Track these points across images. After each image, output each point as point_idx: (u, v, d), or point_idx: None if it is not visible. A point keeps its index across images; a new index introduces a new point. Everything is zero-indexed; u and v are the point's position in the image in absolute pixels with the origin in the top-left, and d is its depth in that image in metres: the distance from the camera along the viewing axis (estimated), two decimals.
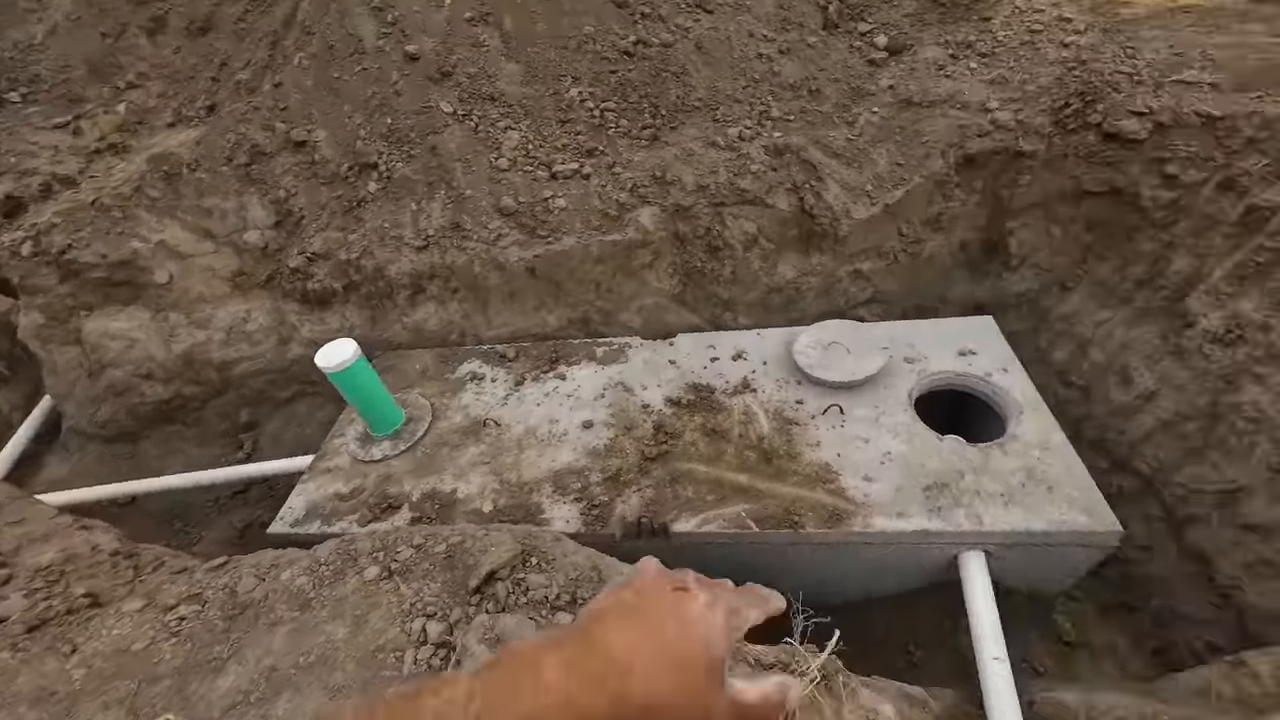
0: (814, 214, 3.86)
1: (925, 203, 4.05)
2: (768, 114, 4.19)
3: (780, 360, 3.68)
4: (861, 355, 3.49)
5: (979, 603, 2.67)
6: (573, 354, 4.00)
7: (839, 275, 4.14)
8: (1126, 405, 3.63)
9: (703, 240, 3.96)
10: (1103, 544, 2.72)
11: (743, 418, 3.40)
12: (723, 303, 4.18)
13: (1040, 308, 4.27)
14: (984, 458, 2.98)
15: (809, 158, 3.94)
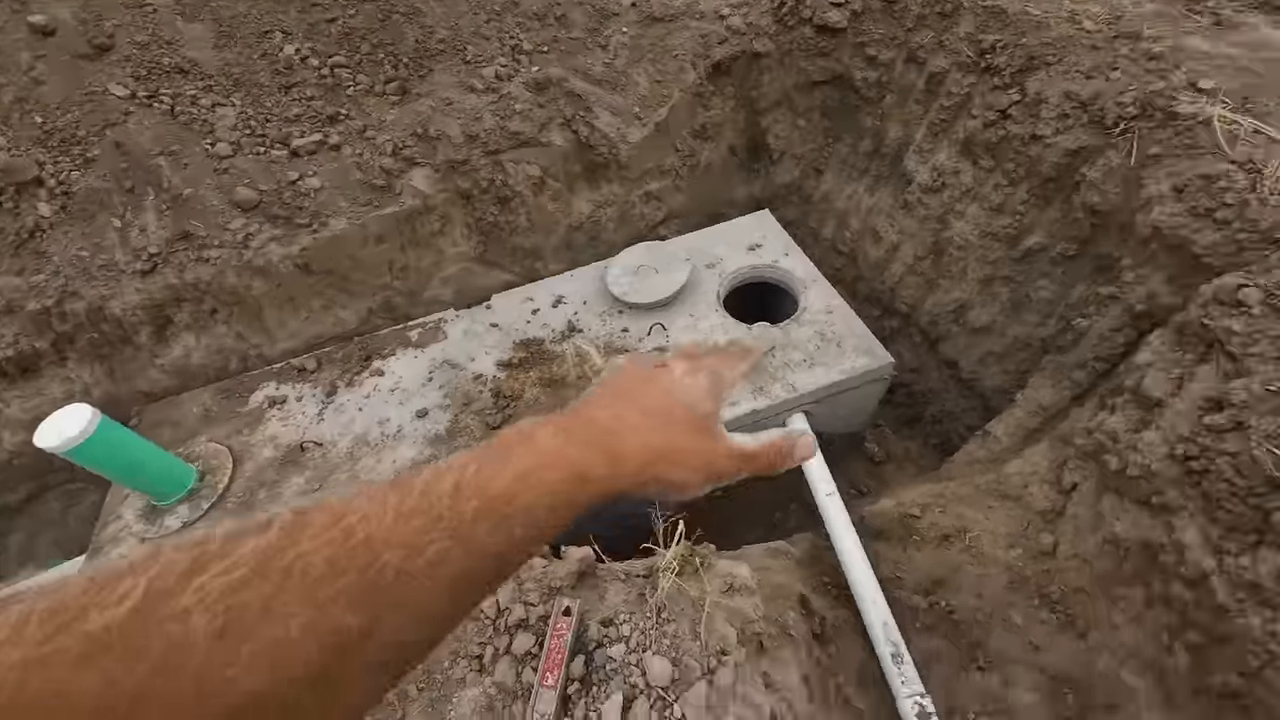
0: (592, 144, 3.86)
1: (690, 115, 4.26)
2: (520, 48, 4.00)
3: (598, 295, 3.74)
4: (668, 272, 3.68)
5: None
6: (384, 346, 3.66)
7: (632, 201, 4.25)
8: (881, 259, 4.34)
9: (489, 193, 3.77)
10: (884, 375, 3.30)
11: (576, 359, 3.44)
12: (529, 253, 4.08)
13: (804, 192, 4.83)
14: (786, 334, 3.39)
15: (573, 88, 3.88)
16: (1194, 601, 1.84)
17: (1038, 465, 2.76)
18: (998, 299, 3.63)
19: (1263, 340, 1.89)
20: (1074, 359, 2.90)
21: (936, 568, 2.67)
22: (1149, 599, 2.02)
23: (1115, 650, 2.11)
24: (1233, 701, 1.72)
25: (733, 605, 1.70)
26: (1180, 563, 1.89)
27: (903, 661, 2.30)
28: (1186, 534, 1.88)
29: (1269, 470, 1.66)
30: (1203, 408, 1.95)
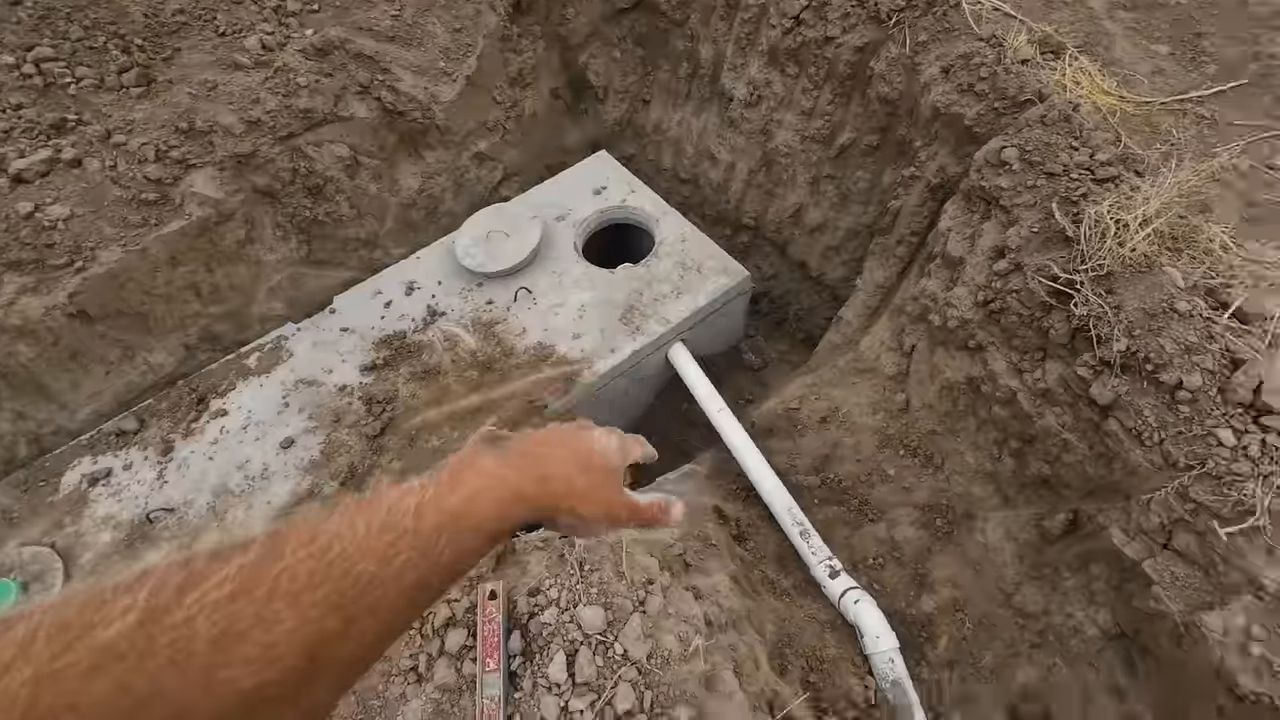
0: (401, 111, 3.51)
1: (501, 63, 4.00)
2: (284, 9, 3.46)
3: (452, 272, 3.53)
4: (520, 233, 3.55)
5: (694, 379, 3.27)
6: (219, 381, 3.20)
7: (463, 165, 3.98)
8: (721, 180, 4.51)
9: (296, 185, 3.33)
10: (745, 289, 3.51)
11: (446, 345, 3.26)
12: (364, 242, 3.72)
13: (636, 126, 4.82)
14: (648, 270, 3.45)
15: (361, 49, 3.46)
16: (1009, 416, 2.24)
17: (883, 337, 3.13)
18: (826, 197, 3.95)
19: (1024, 192, 2.25)
20: (894, 238, 3.27)
21: (821, 448, 3.00)
22: (979, 424, 2.43)
23: (963, 472, 2.54)
24: (1044, 486, 2.15)
25: (650, 537, 1.80)
26: (995, 388, 2.28)
27: (809, 535, 2.58)
28: (996, 364, 2.26)
29: (1041, 297, 2.02)
30: (991, 257, 2.30)
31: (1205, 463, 1.60)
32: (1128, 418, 1.77)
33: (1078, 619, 1.97)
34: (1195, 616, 1.54)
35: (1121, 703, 1.87)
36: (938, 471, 2.66)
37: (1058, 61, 2.67)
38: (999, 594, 2.30)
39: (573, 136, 4.75)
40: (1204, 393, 1.64)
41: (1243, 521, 1.52)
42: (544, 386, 3.03)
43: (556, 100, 4.51)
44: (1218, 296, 1.75)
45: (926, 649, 2.36)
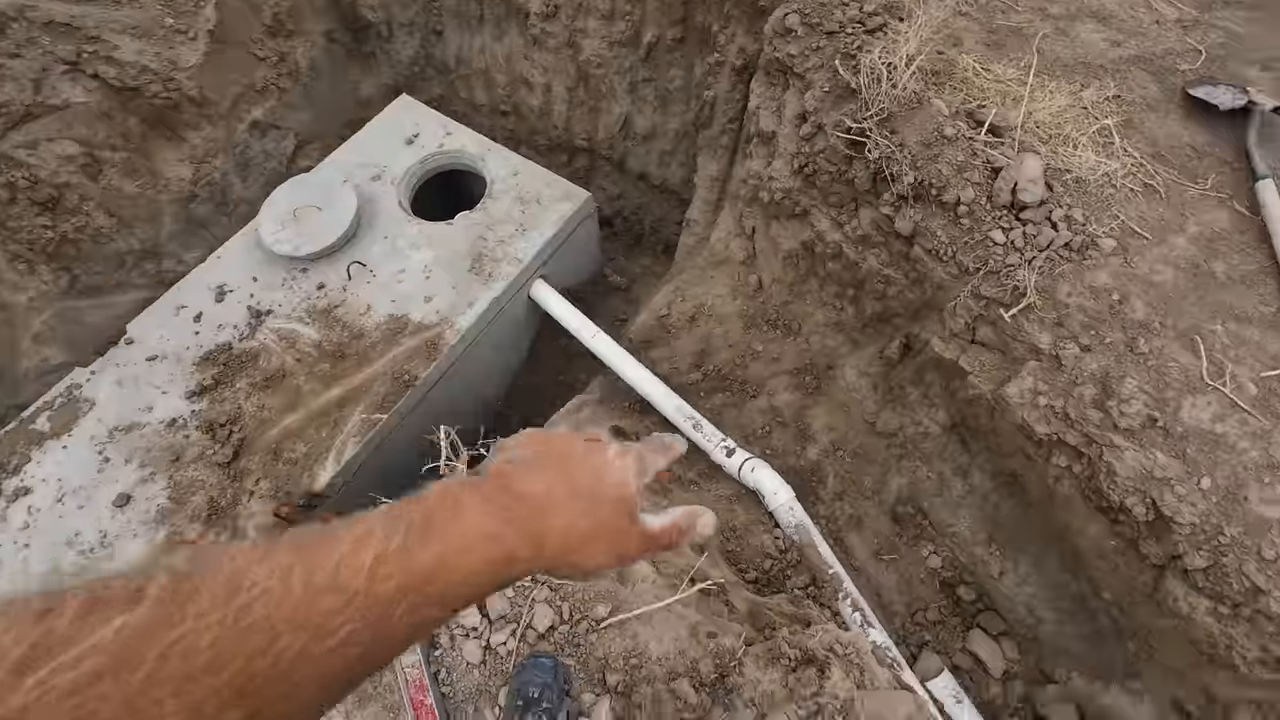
0: (133, 87, 2.91)
1: (249, 9, 3.41)
2: None
3: (265, 263, 3.12)
4: (333, 203, 3.18)
5: (563, 313, 3.23)
6: (5, 457, 2.66)
7: (241, 140, 3.44)
8: (542, 105, 4.30)
9: (20, 201, 2.70)
10: (590, 211, 3.45)
11: (283, 345, 2.93)
12: (142, 254, 3.15)
13: (436, 62, 4.40)
14: (486, 213, 3.27)
15: (51, 15, 2.77)
16: (840, 268, 2.46)
17: (728, 227, 3.26)
18: (648, 102, 3.91)
19: (811, 55, 2.36)
20: (716, 129, 3.34)
21: (695, 344, 3.13)
22: (820, 282, 2.65)
23: (817, 328, 2.78)
24: (880, 321, 2.42)
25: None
26: (825, 246, 2.47)
27: (701, 426, 2.74)
28: (820, 224, 2.44)
29: (842, 150, 2.18)
30: (796, 125, 2.43)
31: (987, 263, 1.87)
32: (926, 240, 2.01)
33: (924, 424, 2.30)
34: (1000, 391, 1.84)
35: (966, 478, 2.23)
36: (798, 336, 2.89)
37: None
38: (865, 425, 2.61)
39: (367, 86, 4.25)
40: (977, 203, 1.89)
41: (1020, 303, 1.81)
42: (366, 427, 2.81)
43: (334, 45, 3.97)
44: (975, 117, 1.99)
45: (819, 490, 2.65)
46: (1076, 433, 1.68)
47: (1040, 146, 1.94)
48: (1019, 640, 2.28)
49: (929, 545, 2.50)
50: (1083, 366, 1.70)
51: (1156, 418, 1.59)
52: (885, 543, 2.55)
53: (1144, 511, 1.57)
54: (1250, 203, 1.86)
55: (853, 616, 2.17)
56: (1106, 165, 1.92)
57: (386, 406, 2.77)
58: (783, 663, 1.35)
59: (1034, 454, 1.82)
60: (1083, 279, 1.79)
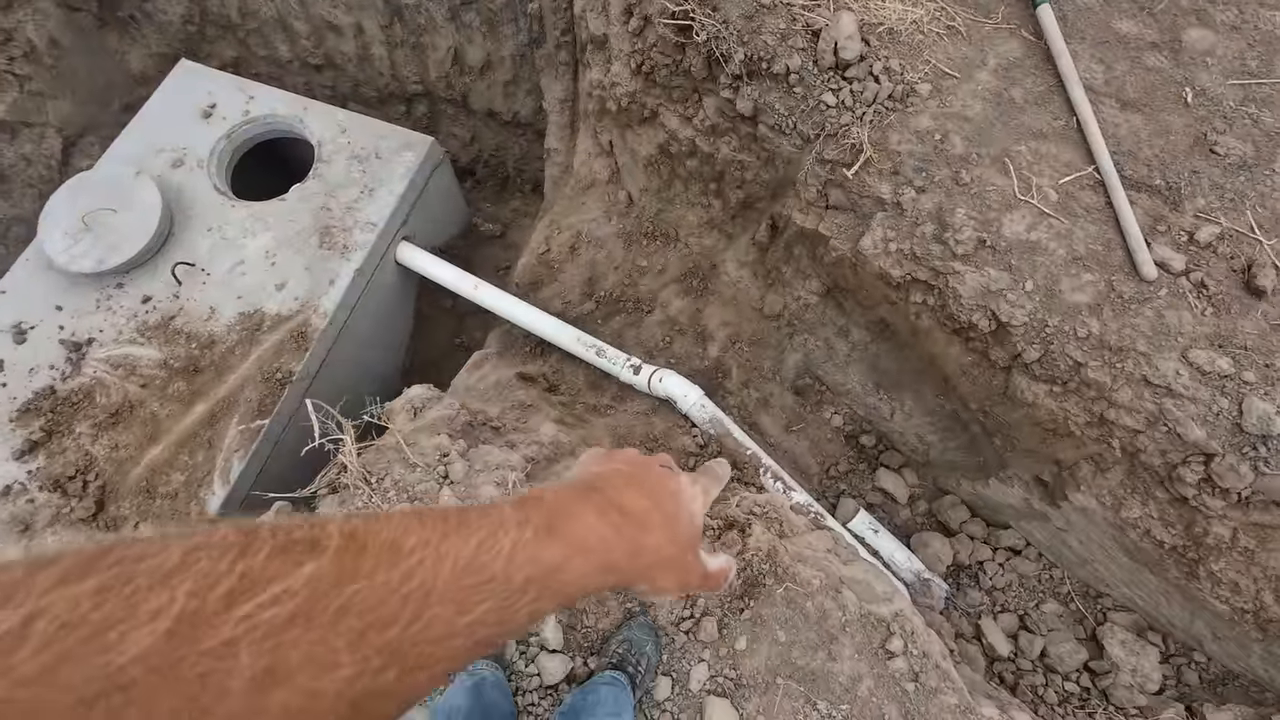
0: None
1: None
2: None
3: (68, 287, 2.66)
4: (130, 202, 2.72)
5: (437, 271, 3.04)
6: None
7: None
8: (357, 51, 3.85)
9: None
10: (439, 156, 3.20)
11: (121, 373, 2.56)
12: None
13: (217, 18, 3.77)
14: (321, 180, 2.95)
15: None
16: (699, 164, 2.47)
17: (587, 147, 3.15)
18: (474, 29, 3.61)
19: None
20: (551, 45, 3.15)
21: (581, 274, 3.09)
22: (684, 182, 2.65)
23: (693, 230, 2.81)
24: (745, 208, 2.48)
25: (428, 420, 1.74)
26: (679, 144, 2.46)
27: (604, 351, 2.74)
28: (670, 122, 2.41)
29: (673, 39, 2.13)
30: (623, 21, 2.33)
31: (824, 127, 1.94)
32: (768, 117, 2.04)
33: (802, 296, 2.43)
34: (856, 247, 1.97)
35: (847, 337, 2.41)
36: (677, 243, 2.92)
37: None
38: (754, 312, 2.73)
39: (136, 58, 3.59)
40: (805, 69, 1.93)
41: (859, 160, 1.91)
42: (248, 438, 2.56)
43: (76, 14, 3.28)
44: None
45: (725, 383, 2.78)
46: (925, 268, 1.84)
47: (852, 3, 1.99)
48: (916, 467, 2.58)
49: (830, 408, 2.72)
50: (920, 207, 1.84)
51: (985, 239, 1.77)
52: (793, 415, 2.74)
53: (987, 324, 1.77)
54: (1034, 28, 2.03)
55: (774, 486, 2.35)
56: (913, 13, 2.01)
57: (266, 410, 2.54)
58: (707, 534, 1.43)
59: (895, 298, 1.98)
60: (908, 125, 1.91)
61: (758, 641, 1.32)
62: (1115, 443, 1.69)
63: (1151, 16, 2.05)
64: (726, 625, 1.34)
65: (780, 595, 1.37)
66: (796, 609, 1.37)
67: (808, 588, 1.39)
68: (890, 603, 1.46)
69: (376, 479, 1.41)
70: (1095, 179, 1.82)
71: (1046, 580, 2.19)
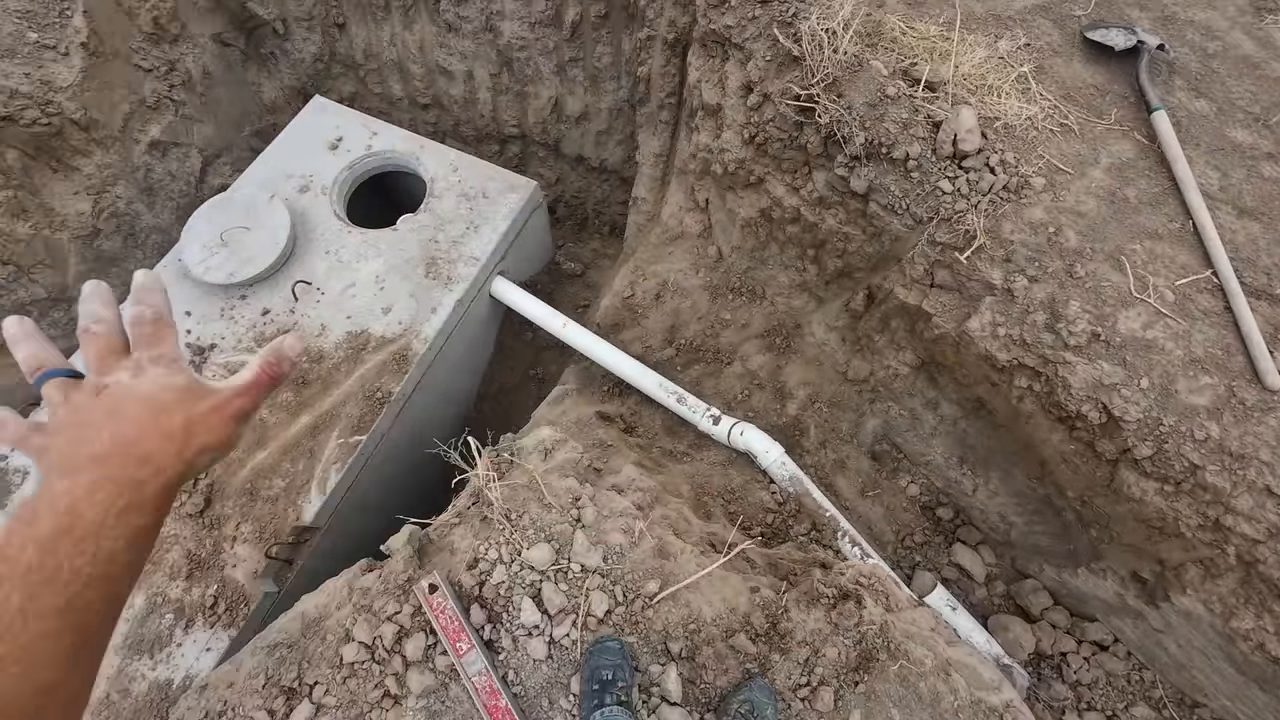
0: (6, 115, 2.57)
1: (125, 16, 3.05)
2: None
3: (199, 295, 2.88)
4: (263, 221, 2.96)
5: (526, 306, 3.19)
6: None
7: (141, 162, 3.12)
8: (461, 95, 4.14)
9: None
10: (539, 200, 3.39)
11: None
12: (51, 302, 2.83)
13: (344, 58, 4.12)
14: (431, 214, 3.16)
15: None
16: (800, 231, 2.57)
17: (679, 201, 3.31)
18: (577, 83, 3.85)
19: (748, 25, 2.41)
20: (654, 104, 3.35)
21: (664, 321, 3.19)
22: (781, 246, 2.76)
23: (782, 290, 2.91)
24: (842, 277, 2.56)
25: (558, 462, 1.82)
26: (782, 211, 2.57)
27: (684, 399, 2.82)
28: (776, 190, 2.54)
29: (792, 117, 2.26)
30: (742, 96, 2.48)
31: (938, 211, 2.02)
32: (881, 196, 2.14)
33: (893, 366, 2.48)
34: (962, 327, 2.02)
35: (936, 410, 2.44)
36: (764, 300, 3.01)
37: None
38: (837, 375, 2.78)
39: (270, 89, 3.93)
40: (924, 157, 2.03)
41: (971, 245, 1.98)
42: (345, 452, 2.71)
43: (228, 49, 3.63)
44: (911, 75, 2.11)
45: (802, 441, 2.81)
46: (1033, 355, 1.88)
47: (970, 98, 2.10)
48: (995, 546, 2.55)
49: (907, 476, 2.72)
50: (1032, 295, 1.89)
51: (1099, 333, 1.81)
52: (868, 480, 2.75)
53: (1097, 416, 1.79)
54: (1148, 132, 2.10)
55: (852, 551, 2.35)
56: (1028, 110, 2.11)
57: (364, 427, 2.67)
58: (823, 602, 1.47)
59: (997, 379, 2.02)
60: (1022, 216, 1.98)
61: (872, 717, 1.34)
62: (1230, 549, 1.67)
63: (1267, 128, 2.10)
64: (842, 697, 1.36)
65: (894, 673, 1.38)
66: (910, 688, 1.38)
67: (920, 667, 1.40)
68: (1000, 691, 1.46)
69: (516, 514, 1.49)
70: (1213, 283, 1.85)
71: (1137, 682, 2.13)
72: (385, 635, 1.38)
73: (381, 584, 1.49)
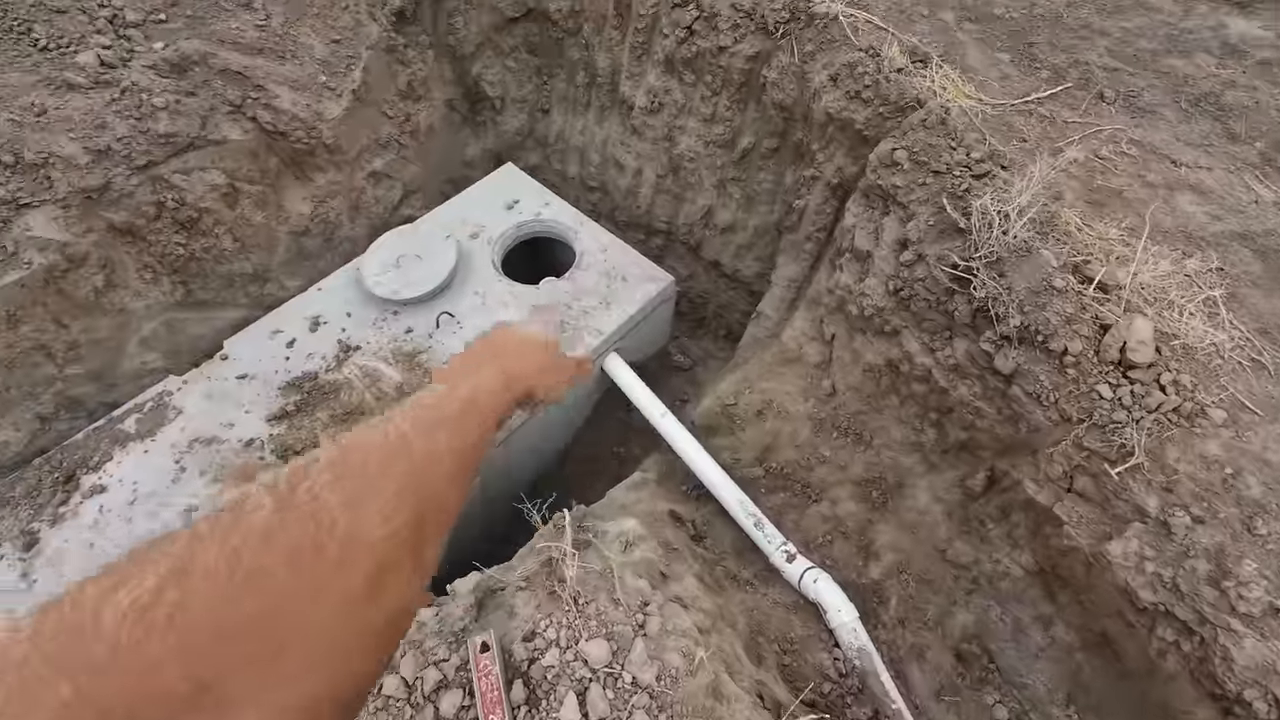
0: (282, 131, 3.20)
1: (390, 75, 3.77)
2: (121, 18, 3.02)
3: (361, 301, 3.28)
4: (434, 255, 3.37)
5: (632, 387, 3.29)
6: (90, 453, 2.75)
7: (358, 185, 3.71)
8: (630, 186, 4.56)
9: (163, 220, 2.92)
10: (671, 294, 3.59)
11: (366, 381, 3.03)
12: (252, 277, 3.35)
13: (538, 136, 4.74)
14: (574, 283, 3.42)
15: (227, 64, 3.10)
16: (927, 391, 2.49)
17: (803, 328, 3.34)
18: (733, 199, 4.13)
19: (916, 188, 2.50)
20: (801, 235, 3.49)
21: (761, 439, 3.14)
22: (901, 400, 2.67)
23: (891, 445, 2.78)
24: (964, 450, 2.42)
25: (635, 559, 1.80)
26: (912, 368, 2.51)
27: (763, 525, 2.70)
28: (910, 345, 2.50)
29: (944, 283, 2.26)
30: (896, 250, 2.54)
31: (1092, 415, 1.89)
32: (1028, 383, 2.04)
33: (1004, 563, 2.24)
34: (1100, 547, 1.81)
35: (1047, 629, 2.15)
36: (868, 448, 2.89)
37: (926, 69, 2.99)
38: (935, 552, 2.55)
39: (473, 149, 4.58)
40: (1084, 355, 1.93)
41: (1126, 461, 1.81)
42: None
43: (453, 113, 4.33)
44: (1083, 272, 2.06)
45: (880, 612, 2.56)
46: (1187, 608, 1.62)
47: (1147, 308, 2.00)
48: None
49: (994, 693, 2.37)
50: (1195, 539, 1.67)
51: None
52: (947, 681, 2.42)
53: (1265, 708, 1.49)
54: None
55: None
56: (1214, 336, 1.96)
57: None
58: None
59: (1135, 621, 1.76)
60: (1193, 447, 1.79)
61: None
62: None
63: None
64: None
65: None
66: None
67: None
68: None
69: (585, 599, 1.48)
70: None
71: None
72: (427, 680, 1.37)
73: (438, 623, 1.51)
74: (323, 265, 3.57)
